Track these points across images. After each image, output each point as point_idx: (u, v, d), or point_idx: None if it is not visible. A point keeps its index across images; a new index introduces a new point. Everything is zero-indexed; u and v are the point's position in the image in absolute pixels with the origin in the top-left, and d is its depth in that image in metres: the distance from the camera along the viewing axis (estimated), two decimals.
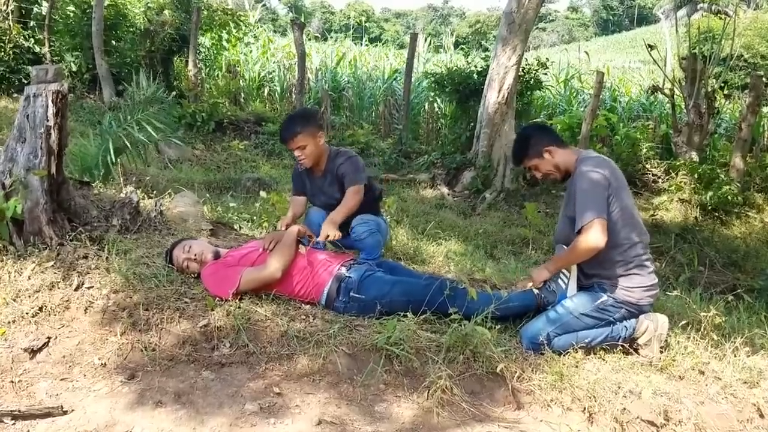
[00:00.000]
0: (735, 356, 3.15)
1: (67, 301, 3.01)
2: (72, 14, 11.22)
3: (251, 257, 3.31)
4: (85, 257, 3.28)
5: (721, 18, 17.01)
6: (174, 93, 10.89)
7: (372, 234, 3.84)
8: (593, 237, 2.95)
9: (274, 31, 19.92)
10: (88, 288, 3.09)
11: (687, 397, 2.80)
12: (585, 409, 2.67)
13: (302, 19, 15.24)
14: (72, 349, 2.76)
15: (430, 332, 3.07)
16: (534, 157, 3.26)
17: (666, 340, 3.18)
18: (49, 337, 2.81)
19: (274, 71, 14.50)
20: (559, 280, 3.25)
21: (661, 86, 11.22)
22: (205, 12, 12.13)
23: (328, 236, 3.47)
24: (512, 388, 2.75)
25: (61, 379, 2.60)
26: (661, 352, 3.15)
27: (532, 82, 10.29)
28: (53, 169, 3.37)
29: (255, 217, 5.05)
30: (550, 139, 3.26)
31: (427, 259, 4.81)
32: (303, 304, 3.28)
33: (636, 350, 3.18)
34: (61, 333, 2.85)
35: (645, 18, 64.85)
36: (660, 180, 10.01)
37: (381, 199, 4.31)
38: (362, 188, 3.79)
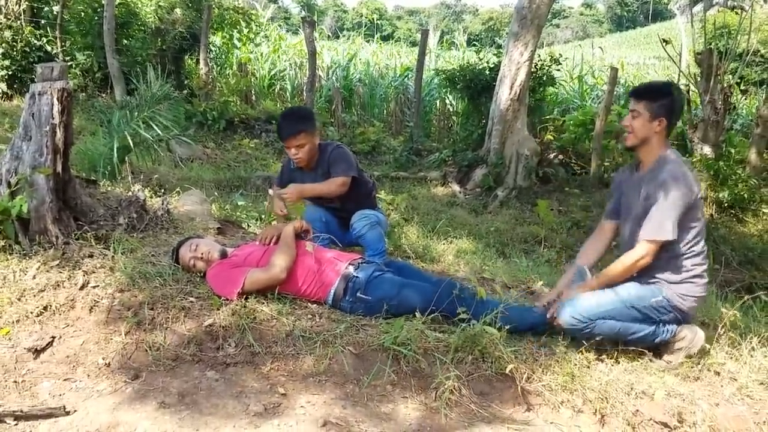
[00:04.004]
0: (751, 356, 3.08)
1: (72, 300, 2.99)
2: (83, 13, 11.25)
3: (256, 256, 3.27)
4: (91, 256, 3.27)
5: (737, 13, 16.78)
6: (185, 91, 10.93)
7: (372, 227, 3.81)
8: (647, 255, 2.92)
9: (287, 30, 19.90)
10: (94, 287, 3.07)
11: (702, 399, 2.74)
12: (596, 411, 2.61)
13: (315, 18, 15.21)
14: (76, 348, 2.74)
15: (438, 332, 3.02)
16: (653, 110, 3.00)
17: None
18: (53, 337, 2.79)
19: (285, 69, 14.48)
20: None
21: (676, 81, 11.07)
22: (216, 10, 12.13)
23: (285, 194, 3.53)
24: (522, 389, 2.69)
25: (65, 379, 2.58)
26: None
27: (544, 78, 10.18)
28: (59, 168, 3.36)
29: (263, 216, 5.02)
30: (674, 115, 3.04)
31: (437, 258, 4.76)
32: (309, 303, 3.25)
33: (660, 354, 3.10)
34: (66, 332, 2.83)
35: (660, 14, 64.19)
36: None
37: (375, 193, 4.23)
38: (348, 181, 3.73)
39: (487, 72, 10.02)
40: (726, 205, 8.61)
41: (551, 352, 2.98)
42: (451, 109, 13.37)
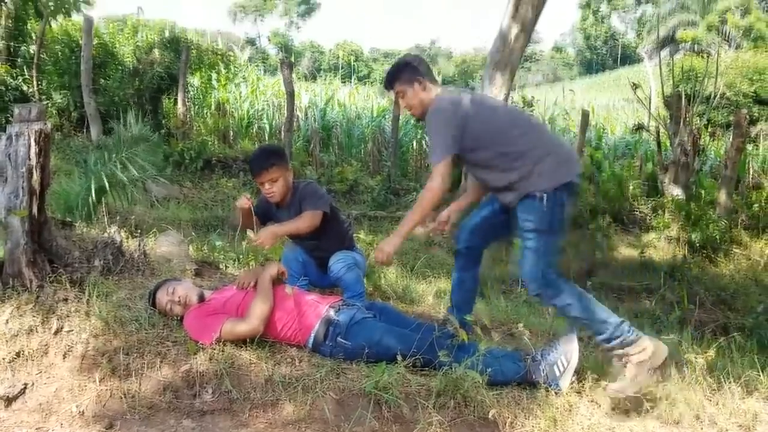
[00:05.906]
0: (730, 399, 3.09)
1: (45, 345, 2.92)
2: (60, 53, 11.25)
3: (235, 301, 3.22)
4: (65, 300, 3.19)
5: (703, 57, 17.34)
6: (162, 131, 10.91)
7: (350, 269, 3.80)
8: (433, 182, 3.10)
9: (265, 71, 20.09)
10: (68, 332, 3.00)
11: None
12: None
13: (292, 59, 15.38)
14: (49, 396, 2.67)
15: (419, 376, 2.99)
16: (405, 83, 3.28)
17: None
18: (25, 384, 2.72)
19: (263, 109, 14.55)
20: (555, 367, 3.04)
21: (645, 124, 11.36)
22: (195, 52, 12.20)
23: (259, 240, 3.48)
24: None
25: (37, 429, 2.51)
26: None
27: None
28: (35, 210, 3.29)
29: (241, 256, 4.98)
30: (420, 69, 3.28)
31: (417, 299, 4.74)
32: (289, 347, 3.20)
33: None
34: (39, 379, 2.76)
35: (629, 57, 66.06)
36: (648, 218, 10.04)
37: (352, 233, 4.28)
38: (319, 214, 3.71)
39: None
40: (698, 245, 8.76)
41: (533, 396, 2.97)
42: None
